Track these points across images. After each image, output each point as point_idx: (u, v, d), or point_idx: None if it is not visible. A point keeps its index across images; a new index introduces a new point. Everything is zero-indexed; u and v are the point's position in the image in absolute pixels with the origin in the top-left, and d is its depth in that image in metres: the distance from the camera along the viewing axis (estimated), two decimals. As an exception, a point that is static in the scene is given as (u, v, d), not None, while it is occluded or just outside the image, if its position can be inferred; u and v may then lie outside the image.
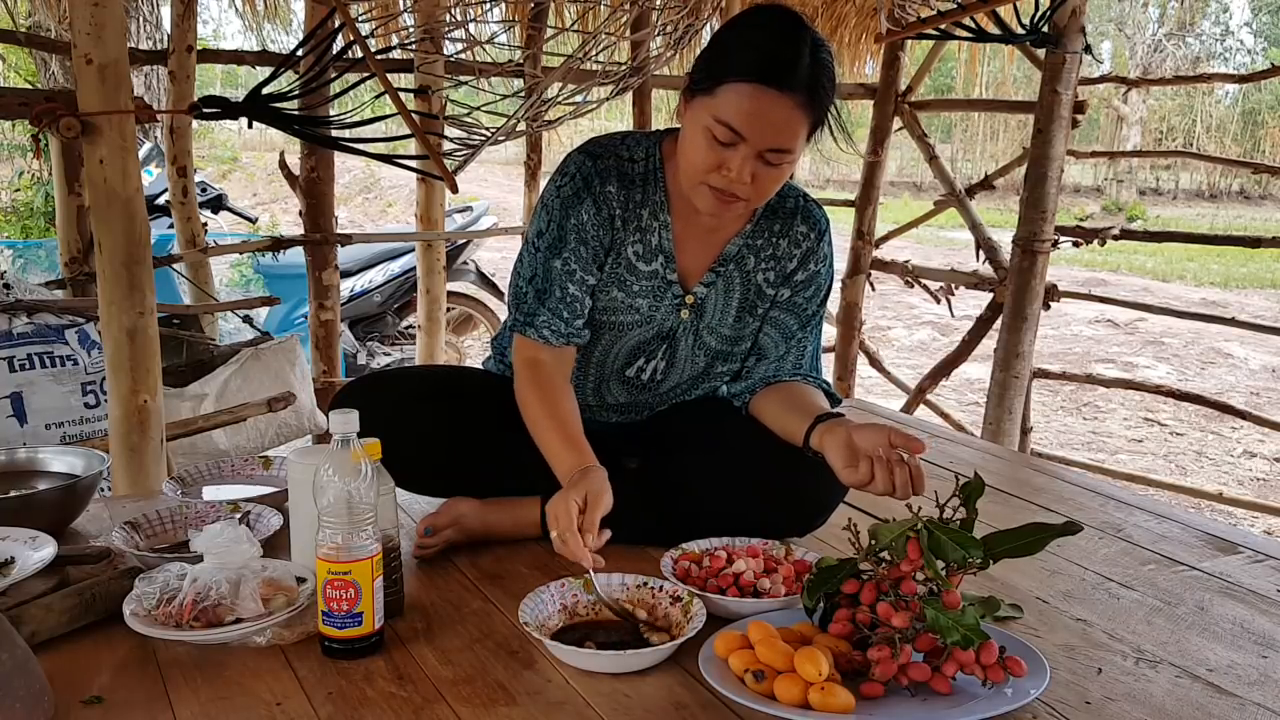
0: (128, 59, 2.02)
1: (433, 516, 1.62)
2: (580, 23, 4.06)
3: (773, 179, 1.51)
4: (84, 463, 1.77)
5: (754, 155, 1.46)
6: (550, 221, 1.63)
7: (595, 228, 1.62)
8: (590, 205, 1.61)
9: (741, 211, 1.57)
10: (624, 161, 1.64)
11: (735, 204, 1.52)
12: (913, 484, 1.39)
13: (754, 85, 1.43)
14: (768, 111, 1.44)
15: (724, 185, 1.49)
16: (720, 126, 1.45)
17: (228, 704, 1.18)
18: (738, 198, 1.51)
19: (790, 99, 1.43)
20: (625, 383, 1.74)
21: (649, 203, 1.64)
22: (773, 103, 1.43)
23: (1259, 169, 4.78)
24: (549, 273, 1.63)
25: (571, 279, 1.62)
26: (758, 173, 1.48)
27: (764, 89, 1.43)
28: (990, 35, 3.40)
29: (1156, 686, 1.29)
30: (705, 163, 1.49)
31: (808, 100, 1.45)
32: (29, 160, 7.46)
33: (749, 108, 1.43)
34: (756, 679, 1.17)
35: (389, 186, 13.40)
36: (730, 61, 1.46)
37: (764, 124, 1.44)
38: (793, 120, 1.45)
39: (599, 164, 1.62)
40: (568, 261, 1.62)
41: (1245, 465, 5.02)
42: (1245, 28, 21.95)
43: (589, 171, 1.62)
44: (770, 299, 1.72)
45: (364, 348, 5.22)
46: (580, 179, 1.62)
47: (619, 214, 1.63)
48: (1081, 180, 18.20)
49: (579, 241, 1.61)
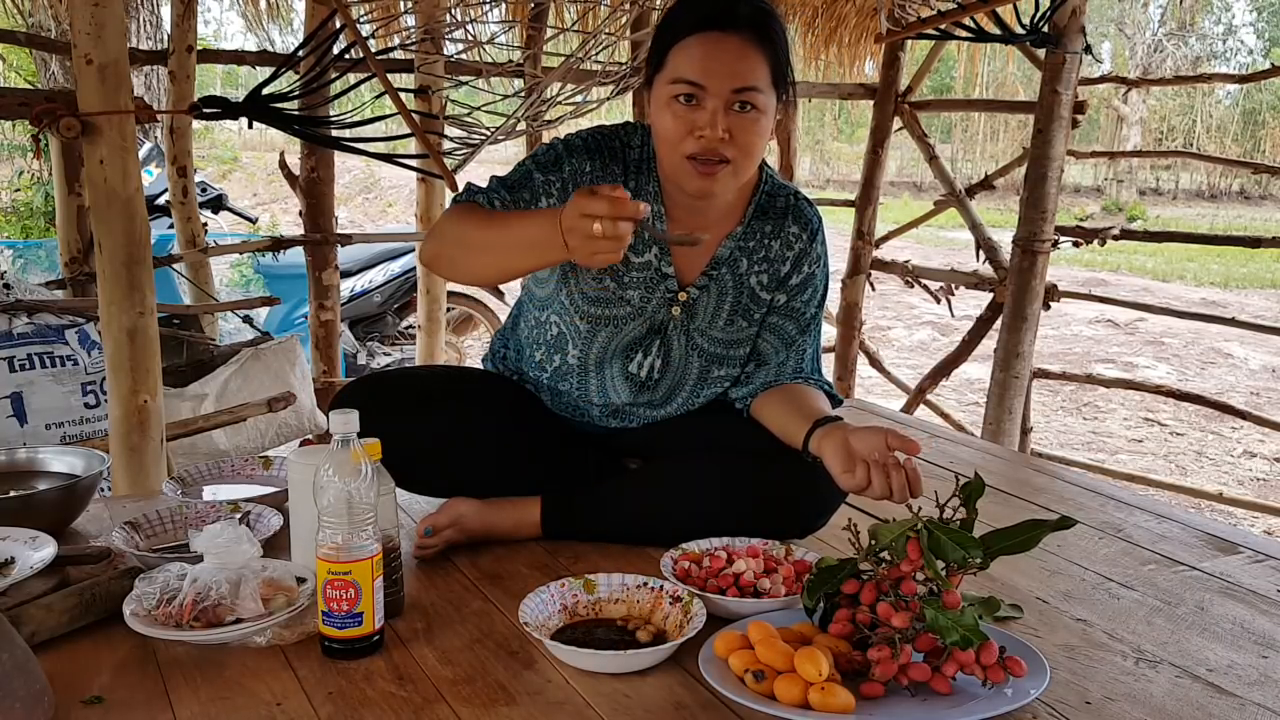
0: (128, 59, 2.02)
1: (433, 516, 1.62)
2: (580, 23, 4.06)
3: (749, 129, 1.50)
4: (84, 463, 1.77)
5: (722, 106, 1.47)
6: (551, 150, 1.62)
7: (589, 183, 1.60)
8: (596, 164, 1.61)
9: (729, 182, 1.54)
10: (625, 148, 1.65)
11: (720, 168, 1.51)
12: (910, 487, 1.39)
13: (699, 35, 1.47)
14: (718, 52, 1.46)
15: (702, 149, 1.49)
16: (680, 86, 1.47)
17: (228, 704, 1.18)
18: (722, 158, 1.50)
19: (737, 36, 1.46)
20: (628, 379, 1.74)
21: (643, 192, 1.64)
22: (720, 42, 1.46)
23: (1259, 169, 4.78)
24: (526, 177, 1.60)
25: (547, 195, 1.59)
26: (732, 124, 1.48)
27: (708, 33, 1.46)
28: (990, 35, 3.40)
29: (1156, 686, 1.29)
30: (677, 131, 1.49)
31: (756, 36, 1.47)
32: (29, 160, 7.46)
33: (699, 55, 1.46)
34: (756, 679, 1.17)
35: (389, 186, 13.41)
36: (673, 30, 1.50)
37: (718, 65, 1.46)
38: (746, 55, 1.47)
39: (609, 141, 1.64)
40: (550, 184, 1.59)
41: (1245, 465, 5.02)
42: (1247, 27, 21.96)
43: (600, 142, 1.63)
44: (765, 303, 1.71)
45: (364, 348, 5.22)
46: (594, 142, 1.63)
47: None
48: (1081, 180, 18.21)
49: (571, 178, 1.59)
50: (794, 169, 4.14)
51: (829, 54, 4.50)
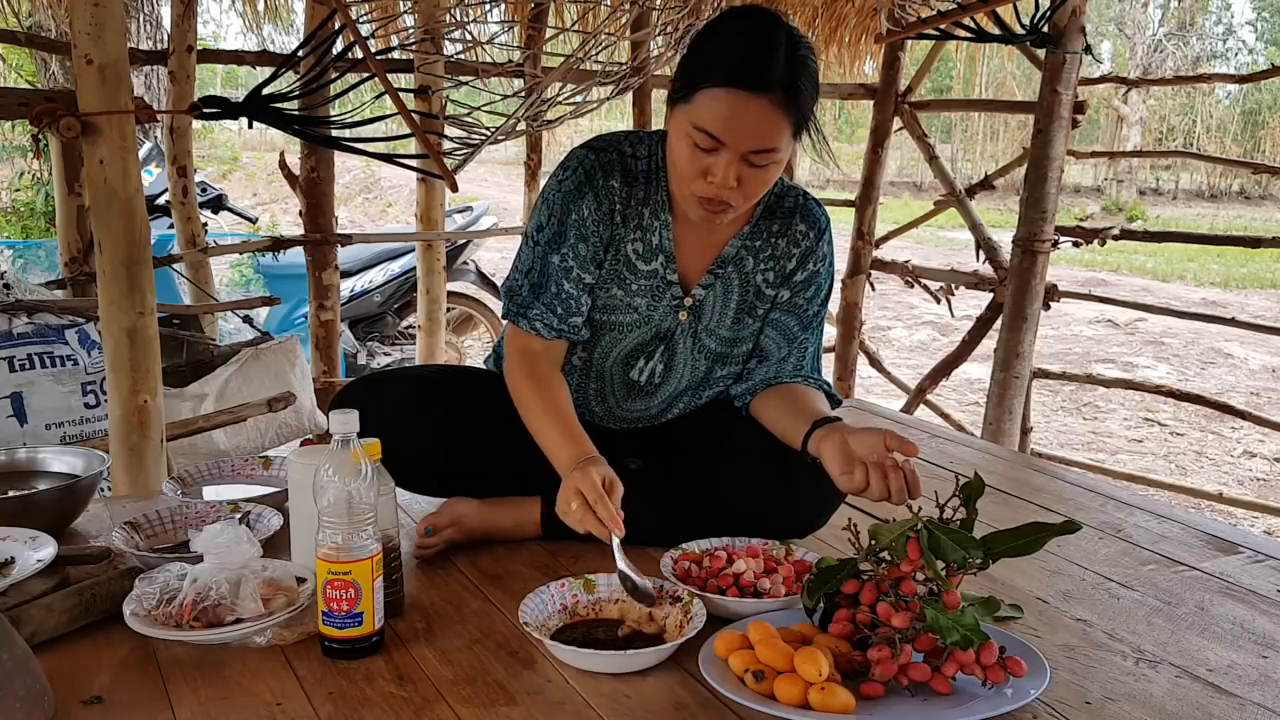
0: (128, 59, 2.02)
1: (433, 516, 1.62)
2: (580, 23, 4.06)
3: (760, 181, 1.50)
4: (84, 463, 1.77)
5: (737, 159, 1.45)
6: (550, 216, 1.62)
7: (595, 223, 1.61)
8: (591, 200, 1.60)
9: (733, 216, 1.56)
10: (627, 158, 1.63)
11: (725, 211, 1.52)
12: (908, 489, 1.39)
13: (728, 89, 1.42)
14: (743, 115, 1.42)
15: (710, 193, 1.48)
16: (699, 133, 1.44)
17: (228, 704, 1.18)
18: (726, 204, 1.50)
19: (766, 99, 1.42)
20: (628, 385, 1.74)
21: (650, 201, 1.63)
22: (747, 105, 1.42)
23: (1259, 169, 4.77)
24: (546, 268, 1.63)
25: (568, 276, 1.62)
26: (743, 176, 1.47)
27: (738, 92, 1.42)
28: (990, 35, 3.40)
29: (1156, 686, 1.29)
30: (690, 171, 1.48)
31: (785, 99, 1.43)
32: (29, 160, 7.46)
33: (724, 112, 1.42)
34: (756, 679, 1.17)
35: (389, 186, 13.41)
36: (705, 67, 1.45)
37: (741, 127, 1.43)
38: (770, 121, 1.44)
39: (602, 157, 1.61)
40: (565, 258, 1.61)
41: (1245, 465, 5.02)
42: (1247, 27, 21.96)
43: (591, 165, 1.61)
44: (770, 299, 1.72)
45: (364, 348, 5.22)
46: (583, 173, 1.61)
47: (620, 209, 1.62)
48: (1081, 180, 18.21)
49: (579, 238, 1.61)
50: (794, 169, 4.14)
51: (829, 54, 4.50)
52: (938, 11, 3.49)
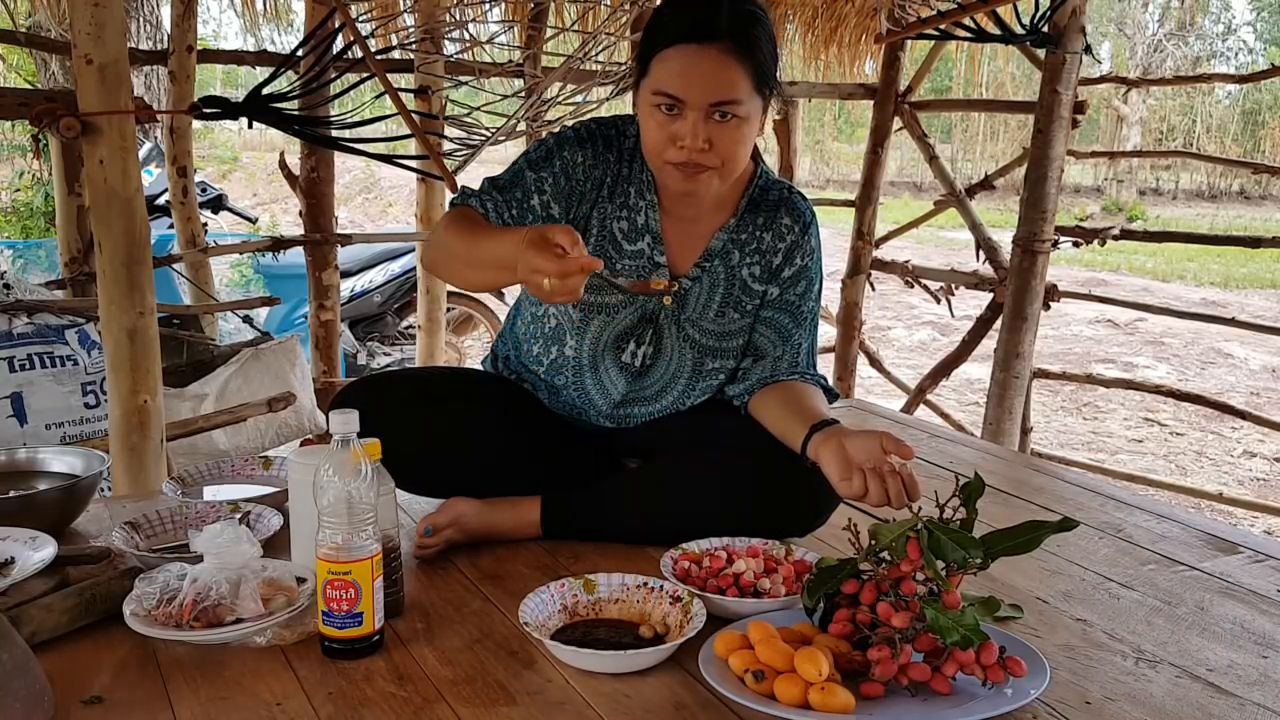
0: (128, 59, 2.02)
1: (433, 516, 1.62)
2: (580, 23, 4.06)
3: (730, 140, 1.52)
4: (84, 463, 1.77)
5: (702, 116, 1.48)
6: (543, 146, 1.66)
7: (583, 173, 1.64)
8: (589, 153, 1.64)
9: (714, 184, 1.57)
10: (620, 135, 1.67)
11: (702, 173, 1.53)
12: (907, 494, 1.39)
13: (678, 47, 1.48)
14: (696, 66, 1.47)
15: (684, 158, 1.51)
16: (660, 97, 1.49)
17: (228, 704, 1.18)
18: (701, 165, 1.52)
19: (715, 48, 1.47)
20: (621, 369, 1.74)
21: (635, 180, 1.66)
22: (698, 56, 1.47)
23: (1259, 169, 4.77)
24: (518, 176, 1.64)
25: (539, 192, 1.62)
26: (713, 135, 1.50)
27: (687, 46, 1.47)
28: (990, 35, 3.40)
29: (1156, 686, 1.29)
30: (660, 140, 1.52)
31: (736, 48, 1.48)
32: (29, 160, 7.46)
33: (678, 69, 1.47)
34: (756, 679, 1.17)
35: (389, 186, 13.41)
36: (656, 37, 1.51)
37: (696, 79, 1.47)
38: (725, 68, 1.47)
39: (604, 130, 1.67)
40: (542, 181, 1.62)
41: (1245, 465, 5.02)
42: (1247, 27, 21.96)
43: (593, 131, 1.66)
44: (759, 295, 1.72)
45: (364, 348, 5.22)
46: (586, 133, 1.66)
47: (609, 181, 1.66)
48: (1081, 180, 18.20)
49: (562, 173, 1.63)
50: (794, 169, 4.14)
51: (829, 54, 4.50)
52: (938, 11, 3.50)
